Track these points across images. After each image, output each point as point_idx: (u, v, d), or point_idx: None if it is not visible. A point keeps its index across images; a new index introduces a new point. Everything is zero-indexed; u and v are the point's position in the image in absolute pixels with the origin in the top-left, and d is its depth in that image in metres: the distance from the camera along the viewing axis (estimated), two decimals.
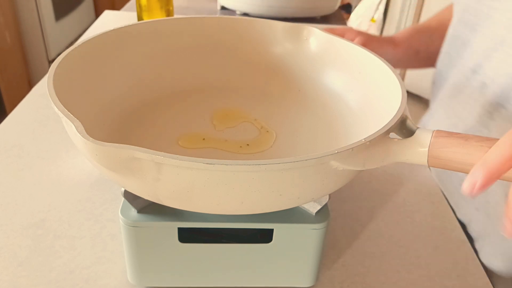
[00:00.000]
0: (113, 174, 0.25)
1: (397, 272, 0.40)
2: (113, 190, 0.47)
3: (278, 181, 0.24)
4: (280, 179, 0.24)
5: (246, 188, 0.24)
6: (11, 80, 1.84)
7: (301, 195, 0.26)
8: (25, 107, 0.63)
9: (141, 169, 0.23)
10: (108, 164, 0.23)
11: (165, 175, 0.23)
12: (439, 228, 0.46)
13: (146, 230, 0.32)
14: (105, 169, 0.25)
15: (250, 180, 0.23)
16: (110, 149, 0.23)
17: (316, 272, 0.36)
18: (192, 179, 0.23)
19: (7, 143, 0.54)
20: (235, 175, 0.23)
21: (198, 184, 0.24)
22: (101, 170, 0.27)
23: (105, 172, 0.26)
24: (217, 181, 0.23)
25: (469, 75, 0.49)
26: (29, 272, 0.37)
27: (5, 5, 1.78)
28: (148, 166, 0.23)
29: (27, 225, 0.42)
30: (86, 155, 0.25)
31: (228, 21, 0.45)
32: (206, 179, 0.23)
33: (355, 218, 0.46)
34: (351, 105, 0.40)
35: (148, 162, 0.23)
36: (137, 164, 0.23)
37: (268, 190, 0.24)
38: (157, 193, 0.26)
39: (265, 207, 0.27)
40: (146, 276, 0.35)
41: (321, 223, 0.33)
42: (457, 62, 0.52)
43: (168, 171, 0.23)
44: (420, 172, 0.55)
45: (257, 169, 0.22)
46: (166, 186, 0.24)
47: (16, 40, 1.89)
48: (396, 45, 0.59)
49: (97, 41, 0.37)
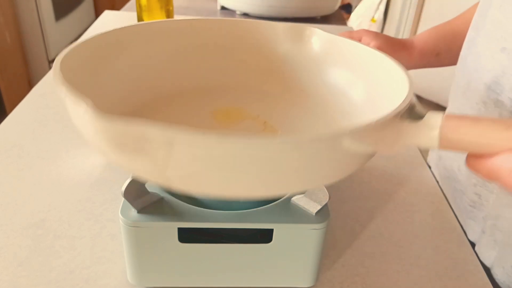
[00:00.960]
0: (122, 156, 0.24)
1: (397, 272, 0.40)
2: (113, 190, 0.47)
3: (292, 159, 0.24)
4: (294, 157, 0.23)
5: (257, 164, 0.23)
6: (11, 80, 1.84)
7: (312, 177, 0.26)
8: (25, 107, 0.63)
9: (152, 146, 0.23)
10: (118, 141, 0.23)
11: (177, 152, 0.23)
12: (439, 228, 0.46)
13: (146, 230, 0.32)
14: (114, 150, 0.24)
15: (262, 157, 0.23)
16: (123, 124, 0.22)
17: (316, 272, 0.36)
18: (205, 155, 0.23)
19: (7, 143, 0.54)
20: (248, 150, 0.22)
21: (211, 160, 0.23)
22: (108, 154, 0.26)
23: (113, 155, 0.25)
24: (230, 157, 0.23)
25: (482, 91, 0.48)
26: (29, 272, 0.37)
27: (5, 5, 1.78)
28: (160, 142, 0.22)
29: (27, 225, 0.42)
30: (96, 135, 0.24)
31: (228, 23, 0.45)
32: (220, 154, 0.23)
33: (355, 218, 0.46)
34: (356, 101, 0.40)
35: (160, 137, 0.22)
36: (148, 140, 0.22)
37: (283, 167, 0.24)
38: (168, 174, 0.25)
39: (277, 187, 0.26)
40: (146, 276, 0.35)
41: (321, 223, 0.33)
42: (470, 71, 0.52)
43: (181, 146, 0.22)
44: (420, 172, 0.55)
45: (271, 143, 0.22)
46: (178, 164, 0.24)
47: (16, 40, 1.89)
48: (412, 51, 0.58)
49: (96, 42, 0.37)
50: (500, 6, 0.45)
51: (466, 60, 0.52)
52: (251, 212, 0.34)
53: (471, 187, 0.49)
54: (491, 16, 0.47)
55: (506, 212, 0.45)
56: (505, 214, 0.45)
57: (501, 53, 0.45)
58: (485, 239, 0.48)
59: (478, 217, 0.49)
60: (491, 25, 0.47)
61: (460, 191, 0.51)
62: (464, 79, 0.52)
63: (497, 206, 0.46)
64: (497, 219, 0.46)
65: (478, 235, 0.49)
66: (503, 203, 0.45)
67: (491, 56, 0.47)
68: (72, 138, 0.56)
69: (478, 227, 0.49)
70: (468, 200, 0.50)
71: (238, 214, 0.33)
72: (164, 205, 0.34)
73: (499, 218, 0.46)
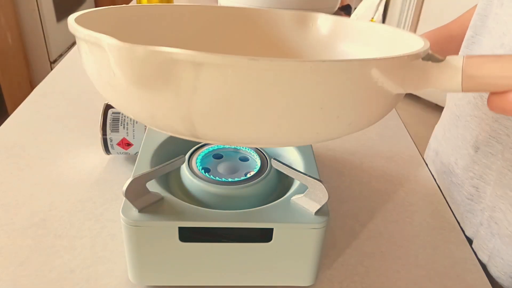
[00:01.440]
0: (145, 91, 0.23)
1: (396, 271, 0.40)
2: (113, 190, 0.48)
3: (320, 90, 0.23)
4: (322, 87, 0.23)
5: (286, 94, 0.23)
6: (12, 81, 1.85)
7: (340, 113, 0.25)
8: (26, 107, 0.63)
9: (178, 74, 0.22)
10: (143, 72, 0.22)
11: (204, 80, 0.22)
12: (438, 228, 0.46)
13: (147, 230, 0.33)
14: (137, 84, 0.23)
15: (293, 83, 0.22)
16: (149, 49, 0.21)
17: (315, 272, 0.36)
18: (234, 82, 0.22)
19: (8, 143, 0.55)
20: (279, 74, 0.22)
21: (240, 89, 0.22)
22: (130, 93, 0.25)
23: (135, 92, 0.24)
24: (259, 84, 0.22)
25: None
26: (30, 271, 0.38)
27: (6, 6, 1.79)
28: (186, 70, 0.22)
29: (28, 225, 0.42)
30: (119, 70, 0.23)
31: (234, 11, 0.44)
32: (247, 82, 0.22)
33: (354, 217, 0.47)
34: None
35: (187, 63, 0.21)
36: (175, 65, 0.22)
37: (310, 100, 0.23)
38: (192, 109, 0.23)
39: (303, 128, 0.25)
40: (146, 275, 0.35)
41: (321, 223, 0.33)
42: None
43: (208, 74, 0.22)
44: (420, 172, 0.55)
45: (303, 66, 0.21)
46: (203, 96, 0.23)
47: (18, 41, 1.90)
48: None
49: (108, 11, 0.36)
50: (502, 4, 0.46)
51: None
52: (251, 211, 0.34)
53: (468, 180, 0.50)
54: (493, 15, 0.48)
55: (501, 204, 0.45)
56: (500, 205, 0.46)
57: (500, 48, 0.45)
58: (483, 231, 0.48)
59: (476, 209, 0.49)
60: (493, 23, 0.47)
61: (458, 184, 0.52)
62: None
63: (493, 197, 0.47)
64: (494, 211, 0.47)
65: (476, 228, 0.49)
66: (498, 194, 0.46)
67: (492, 52, 0.47)
68: (73, 138, 0.57)
69: (476, 219, 0.49)
70: (465, 193, 0.50)
71: (238, 213, 0.34)
72: (165, 205, 0.34)
73: (495, 210, 0.46)
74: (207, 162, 0.40)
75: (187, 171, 0.38)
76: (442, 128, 0.58)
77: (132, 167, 0.51)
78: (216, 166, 0.40)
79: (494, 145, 0.46)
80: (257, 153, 0.41)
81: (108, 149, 0.50)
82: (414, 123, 1.90)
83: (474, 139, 0.49)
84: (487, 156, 0.47)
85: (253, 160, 0.41)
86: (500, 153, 0.45)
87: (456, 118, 0.53)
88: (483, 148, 0.47)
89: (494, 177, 0.46)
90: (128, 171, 0.51)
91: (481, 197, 0.49)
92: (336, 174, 0.53)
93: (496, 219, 0.46)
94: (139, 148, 0.40)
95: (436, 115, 1.89)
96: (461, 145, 0.51)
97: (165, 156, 0.40)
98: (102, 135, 0.49)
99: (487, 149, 0.47)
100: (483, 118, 0.47)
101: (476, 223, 0.50)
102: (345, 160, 0.56)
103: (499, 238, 0.46)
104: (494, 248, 0.47)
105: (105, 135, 0.49)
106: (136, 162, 0.38)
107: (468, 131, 0.50)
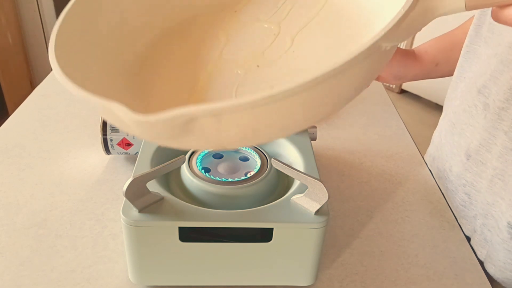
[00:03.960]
0: (173, 141, 0.24)
1: (395, 271, 0.40)
2: (114, 190, 0.48)
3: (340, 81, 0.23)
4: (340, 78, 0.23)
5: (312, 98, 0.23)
6: (13, 81, 1.85)
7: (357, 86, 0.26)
8: (27, 107, 0.63)
9: (200, 127, 0.22)
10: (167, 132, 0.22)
11: (226, 123, 0.23)
12: (437, 228, 0.46)
13: (147, 230, 0.33)
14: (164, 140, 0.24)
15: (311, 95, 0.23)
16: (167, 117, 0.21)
17: (315, 271, 0.37)
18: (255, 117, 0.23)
19: (9, 143, 0.55)
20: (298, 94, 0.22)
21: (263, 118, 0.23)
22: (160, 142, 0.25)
23: (164, 143, 0.25)
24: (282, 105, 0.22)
25: (474, 94, 0.48)
26: (31, 271, 0.38)
27: (7, 6, 1.79)
28: (207, 121, 0.22)
29: (29, 225, 0.42)
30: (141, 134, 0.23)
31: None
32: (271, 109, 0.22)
33: (354, 217, 0.47)
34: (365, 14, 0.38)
35: (206, 117, 0.22)
36: (195, 123, 0.22)
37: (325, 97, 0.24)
38: (222, 142, 0.25)
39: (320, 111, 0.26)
40: (147, 275, 0.35)
41: (321, 222, 0.33)
42: (466, 75, 0.52)
43: (228, 118, 0.22)
44: (419, 172, 0.55)
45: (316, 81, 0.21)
46: (230, 133, 0.24)
47: (18, 40, 1.90)
48: (414, 59, 0.58)
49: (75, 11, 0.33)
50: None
51: (462, 65, 0.53)
52: (251, 211, 0.34)
53: (461, 187, 0.50)
54: (487, 24, 0.48)
55: (493, 211, 0.46)
56: (492, 213, 0.46)
57: (493, 58, 0.46)
58: (477, 238, 0.48)
59: (469, 216, 0.50)
60: (488, 32, 0.48)
61: (452, 191, 0.52)
62: (460, 83, 0.53)
63: (485, 205, 0.47)
64: (486, 218, 0.47)
65: (471, 234, 0.50)
66: (489, 202, 0.46)
67: (487, 61, 0.47)
68: (74, 138, 0.57)
69: (470, 225, 0.50)
70: (459, 200, 0.51)
71: (239, 213, 0.34)
72: (165, 205, 0.34)
73: (487, 217, 0.47)
74: (207, 162, 0.40)
75: (187, 171, 0.38)
76: (439, 134, 0.58)
77: (132, 167, 0.51)
78: (216, 166, 0.40)
79: (484, 154, 0.46)
80: (257, 153, 0.42)
81: (108, 149, 0.50)
82: (414, 123, 1.90)
83: (467, 147, 0.49)
84: (478, 165, 0.47)
85: (253, 160, 0.41)
86: (489, 162, 0.46)
87: (452, 125, 0.53)
88: (474, 156, 0.48)
89: (485, 185, 0.46)
90: (128, 171, 0.51)
91: (472, 204, 0.49)
92: (336, 174, 0.54)
93: (488, 226, 0.47)
94: (139, 148, 0.40)
95: (436, 115, 1.89)
96: (455, 152, 0.52)
97: (165, 156, 0.40)
98: (102, 135, 0.49)
99: (477, 157, 0.47)
100: (476, 127, 0.47)
101: (470, 229, 0.50)
102: (345, 160, 0.56)
103: (492, 245, 0.46)
104: (487, 255, 0.47)
105: (105, 135, 0.49)
106: (136, 162, 0.38)
107: (462, 138, 0.50)
